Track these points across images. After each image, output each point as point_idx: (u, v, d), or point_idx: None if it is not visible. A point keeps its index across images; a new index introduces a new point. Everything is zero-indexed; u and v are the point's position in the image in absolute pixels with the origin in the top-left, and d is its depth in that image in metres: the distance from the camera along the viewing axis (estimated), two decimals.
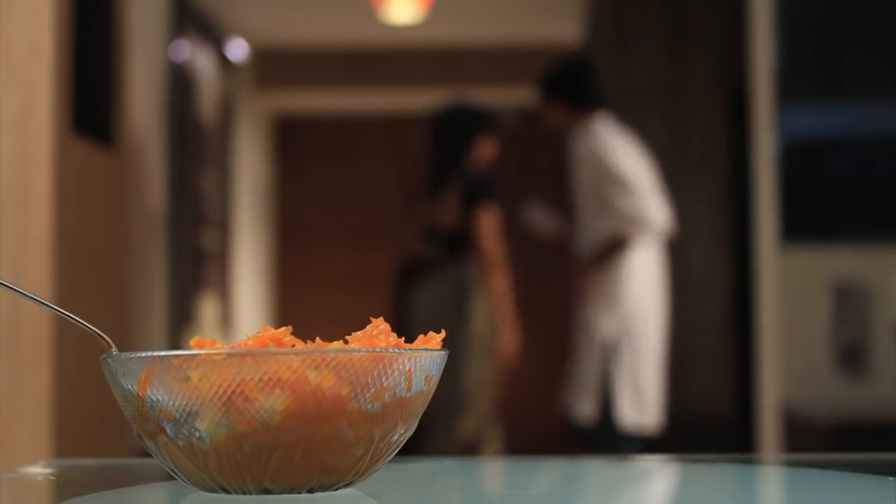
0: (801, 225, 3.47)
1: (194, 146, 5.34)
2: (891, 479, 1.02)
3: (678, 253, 4.64)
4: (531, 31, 6.34)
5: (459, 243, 4.19)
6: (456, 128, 4.30)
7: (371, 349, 0.84)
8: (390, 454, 0.88)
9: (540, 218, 4.36)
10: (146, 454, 0.91)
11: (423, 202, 4.29)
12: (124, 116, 3.07)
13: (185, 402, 0.82)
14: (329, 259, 7.28)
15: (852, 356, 3.41)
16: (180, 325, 4.86)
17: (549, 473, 1.11)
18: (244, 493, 0.85)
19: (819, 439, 3.16)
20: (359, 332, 0.89)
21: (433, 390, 0.89)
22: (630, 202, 3.76)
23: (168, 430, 0.84)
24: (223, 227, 5.98)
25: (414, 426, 0.89)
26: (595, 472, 1.19)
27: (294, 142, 7.36)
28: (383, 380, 0.84)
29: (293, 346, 0.87)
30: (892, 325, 3.42)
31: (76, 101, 2.65)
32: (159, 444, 0.85)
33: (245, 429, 0.82)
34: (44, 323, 2.44)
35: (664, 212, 3.79)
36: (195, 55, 5.40)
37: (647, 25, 4.72)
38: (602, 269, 3.80)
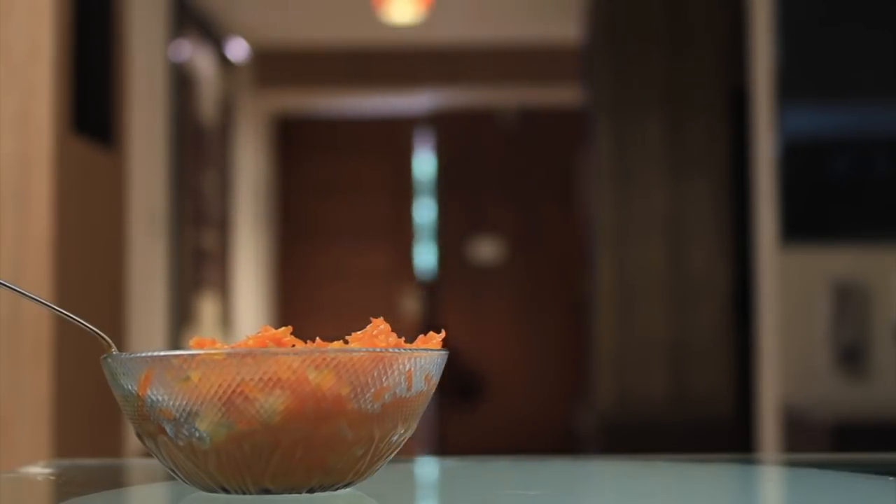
0: (801, 225, 3.47)
1: (194, 146, 5.34)
2: (891, 479, 1.02)
3: (678, 253, 4.64)
4: (531, 31, 6.34)
5: None
6: None
7: (371, 349, 0.84)
8: (390, 454, 0.88)
9: None
10: (146, 454, 0.91)
11: None
12: (124, 116, 3.07)
13: (185, 402, 0.82)
14: (329, 259, 7.28)
15: (852, 356, 3.41)
16: (180, 325, 4.86)
17: (549, 473, 1.11)
18: (244, 493, 0.85)
19: (819, 439, 3.15)
20: (359, 332, 0.89)
21: (433, 390, 0.89)
22: None
23: (168, 430, 0.84)
24: (223, 227, 5.98)
25: (414, 426, 0.89)
26: (595, 472, 1.19)
27: (294, 141, 7.36)
28: (383, 380, 0.84)
29: (293, 346, 0.87)
30: (892, 325, 3.42)
31: (76, 101, 2.65)
32: (159, 444, 0.85)
33: (245, 429, 0.82)
34: (44, 323, 2.44)
35: None
36: (195, 55, 5.40)
37: (647, 25, 4.72)
38: None
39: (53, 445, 2.45)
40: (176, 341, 4.67)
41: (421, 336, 0.90)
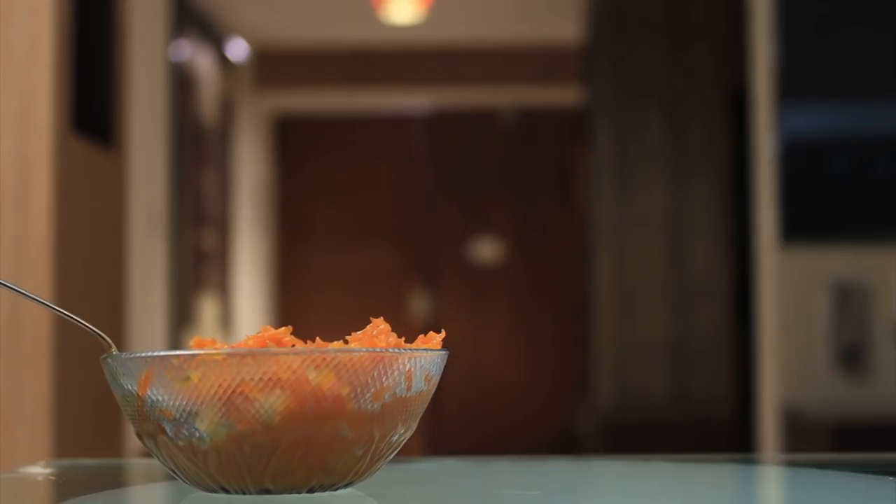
0: (801, 225, 3.47)
1: (194, 146, 5.34)
2: (891, 479, 1.02)
3: (678, 253, 4.64)
4: (531, 31, 6.34)
5: None
6: None
7: (371, 349, 0.84)
8: (390, 454, 0.88)
9: None
10: (146, 454, 0.91)
11: None
12: (124, 116, 3.07)
13: (185, 402, 0.82)
14: (329, 259, 7.28)
15: (852, 356, 3.41)
16: (180, 325, 4.86)
17: (549, 473, 1.11)
18: (244, 493, 0.85)
19: (819, 439, 3.15)
20: (359, 332, 0.89)
21: (433, 390, 0.89)
22: None
23: (168, 430, 0.84)
24: (223, 227, 5.98)
25: (414, 426, 0.89)
26: (595, 472, 1.19)
27: (294, 141, 7.36)
28: (383, 380, 0.84)
29: (293, 346, 0.87)
30: (892, 325, 3.42)
31: (76, 101, 2.65)
32: (159, 444, 0.85)
33: (245, 429, 0.82)
34: (44, 323, 2.44)
35: None
36: (195, 55, 5.40)
37: (647, 25, 4.72)
38: None
39: (53, 445, 2.45)
40: (176, 341, 4.67)
41: (421, 336, 0.90)
